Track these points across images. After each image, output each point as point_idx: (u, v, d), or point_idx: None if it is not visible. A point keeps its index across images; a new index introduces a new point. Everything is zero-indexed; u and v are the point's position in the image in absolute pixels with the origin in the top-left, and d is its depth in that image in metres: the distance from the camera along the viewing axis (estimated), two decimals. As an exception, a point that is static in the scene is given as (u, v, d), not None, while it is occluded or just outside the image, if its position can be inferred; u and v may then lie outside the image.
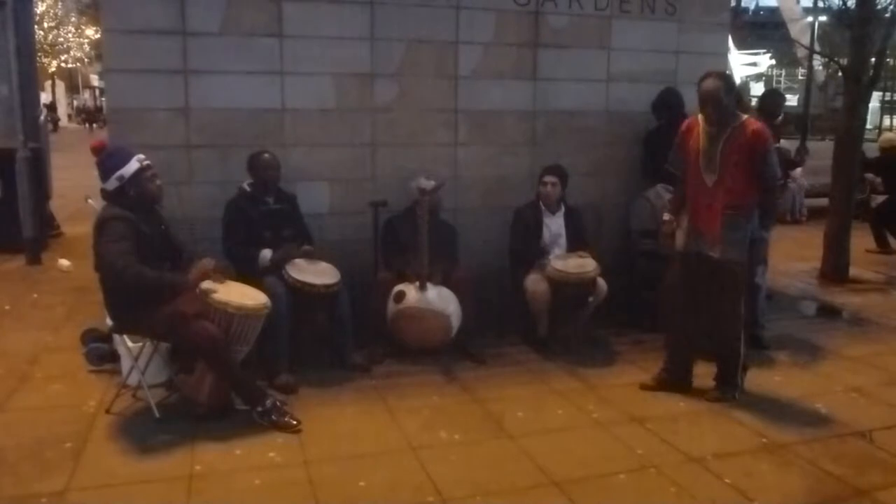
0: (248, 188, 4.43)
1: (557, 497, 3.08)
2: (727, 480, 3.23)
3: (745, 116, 3.94)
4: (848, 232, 7.17)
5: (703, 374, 4.22)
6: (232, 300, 3.66)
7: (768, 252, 5.21)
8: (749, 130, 3.85)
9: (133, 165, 3.62)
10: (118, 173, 3.60)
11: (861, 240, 8.05)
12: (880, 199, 9.39)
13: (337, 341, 4.45)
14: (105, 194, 3.68)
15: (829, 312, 6.24)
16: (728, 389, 4.10)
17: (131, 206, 3.60)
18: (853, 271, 7.25)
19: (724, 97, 3.83)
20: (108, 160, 3.67)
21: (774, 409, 4.01)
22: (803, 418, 3.91)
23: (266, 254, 4.27)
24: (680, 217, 4.13)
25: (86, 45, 32.42)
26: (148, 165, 3.68)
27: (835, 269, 7.14)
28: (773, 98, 5.65)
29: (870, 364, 4.81)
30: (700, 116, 3.99)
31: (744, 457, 3.46)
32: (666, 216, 4.21)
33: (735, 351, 4.09)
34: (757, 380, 4.32)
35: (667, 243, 4.19)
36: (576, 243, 4.99)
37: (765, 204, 4.08)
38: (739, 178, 3.87)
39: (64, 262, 7.06)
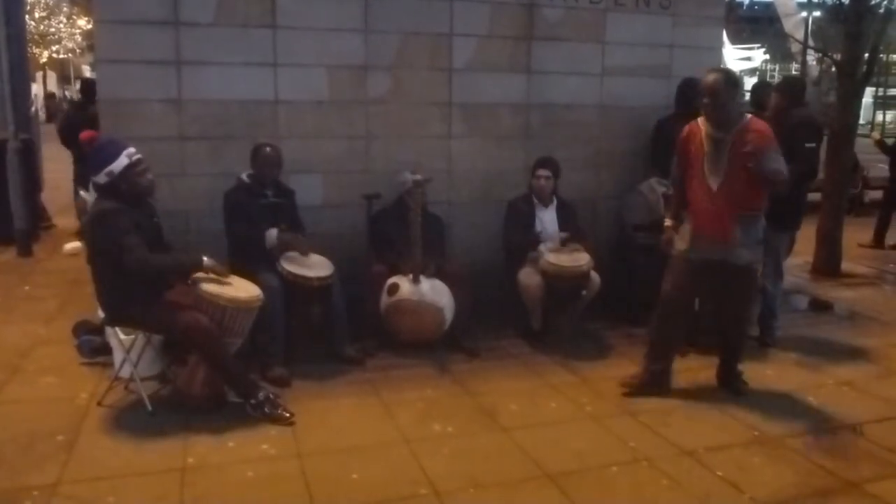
0: (246, 179, 4.41)
1: (550, 490, 3.09)
2: (719, 473, 3.24)
3: (748, 116, 3.82)
4: (840, 227, 7.20)
5: (698, 367, 4.23)
6: (224, 292, 3.66)
7: (784, 255, 5.09)
8: (753, 131, 3.71)
9: (122, 161, 3.56)
10: (107, 168, 3.55)
11: (853, 234, 8.09)
12: (873, 193, 9.41)
13: (331, 334, 4.45)
14: (97, 187, 3.66)
15: (821, 307, 6.25)
16: (738, 382, 4.17)
17: (124, 198, 3.58)
18: (845, 266, 7.28)
19: (723, 91, 3.67)
20: (97, 154, 3.64)
21: (766, 403, 4.03)
22: (795, 412, 3.93)
23: (273, 232, 4.25)
24: (678, 222, 4.06)
25: (77, 36, 32.12)
26: (138, 160, 3.62)
27: (827, 264, 7.17)
28: (764, 90, 5.65)
29: (861, 358, 4.83)
30: (701, 121, 3.87)
31: (736, 450, 3.48)
32: (667, 222, 4.15)
33: (742, 348, 4.20)
34: (749, 373, 4.33)
35: (667, 250, 4.11)
36: (570, 236, 4.98)
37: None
38: (748, 180, 3.72)
39: (70, 246, 7.05)
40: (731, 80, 3.75)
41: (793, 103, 4.91)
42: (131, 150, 3.63)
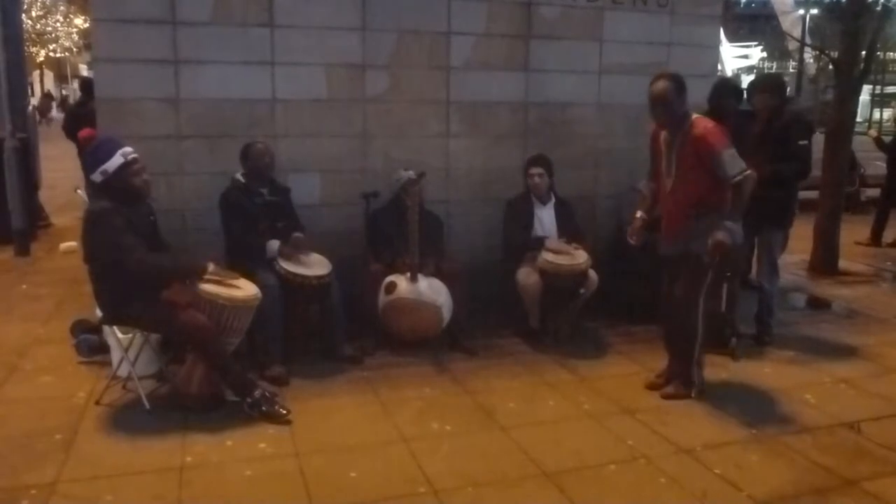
0: (241, 179, 4.41)
1: (548, 488, 3.09)
2: (717, 471, 3.24)
3: (694, 117, 3.81)
4: (837, 224, 7.20)
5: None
6: (222, 291, 3.66)
7: (779, 252, 5.04)
8: (694, 134, 3.73)
9: (116, 160, 3.55)
10: (102, 168, 3.55)
11: (850, 232, 8.09)
12: (870, 191, 9.42)
13: (329, 333, 4.45)
14: (93, 186, 3.65)
15: (818, 304, 6.27)
16: (681, 385, 4.01)
17: (118, 198, 3.57)
18: (842, 263, 7.29)
19: (674, 98, 3.73)
20: (93, 153, 3.64)
21: (764, 401, 4.04)
22: (792, 409, 3.94)
23: (274, 244, 4.25)
24: (648, 217, 4.14)
25: (74, 35, 32.09)
26: (134, 160, 3.60)
27: (824, 262, 7.18)
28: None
29: (858, 355, 4.84)
30: None
31: (733, 447, 3.48)
32: (637, 214, 4.19)
33: (689, 345, 3.97)
34: (746, 371, 4.35)
35: (631, 240, 4.14)
36: (568, 234, 4.99)
37: (732, 199, 3.79)
38: (699, 178, 3.76)
39: (66, 245, 7.10)
40: (680, 85, 3.78)
41: (782, 101, 4.93)
42: (128, 149, 3.61)
